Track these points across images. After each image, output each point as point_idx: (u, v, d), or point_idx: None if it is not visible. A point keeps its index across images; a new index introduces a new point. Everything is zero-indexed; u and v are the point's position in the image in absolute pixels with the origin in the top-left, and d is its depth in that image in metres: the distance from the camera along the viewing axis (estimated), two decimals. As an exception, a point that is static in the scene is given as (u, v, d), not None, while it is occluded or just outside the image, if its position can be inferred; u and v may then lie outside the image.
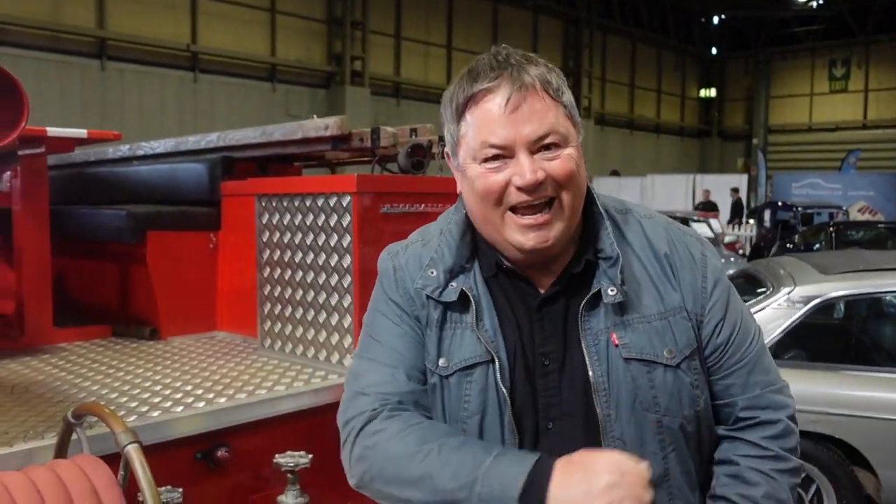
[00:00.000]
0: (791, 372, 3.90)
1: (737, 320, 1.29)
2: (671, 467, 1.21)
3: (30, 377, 2.63)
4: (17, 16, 14.29)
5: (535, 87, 1.17)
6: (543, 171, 1.17)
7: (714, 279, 1.28)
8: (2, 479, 1.49)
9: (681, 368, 1.21)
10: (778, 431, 1.26)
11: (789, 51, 31.90)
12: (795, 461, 1.27)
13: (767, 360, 1.32)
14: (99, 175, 3.95)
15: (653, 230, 1.31)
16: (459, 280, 1.28)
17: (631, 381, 1.19)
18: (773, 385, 1.29)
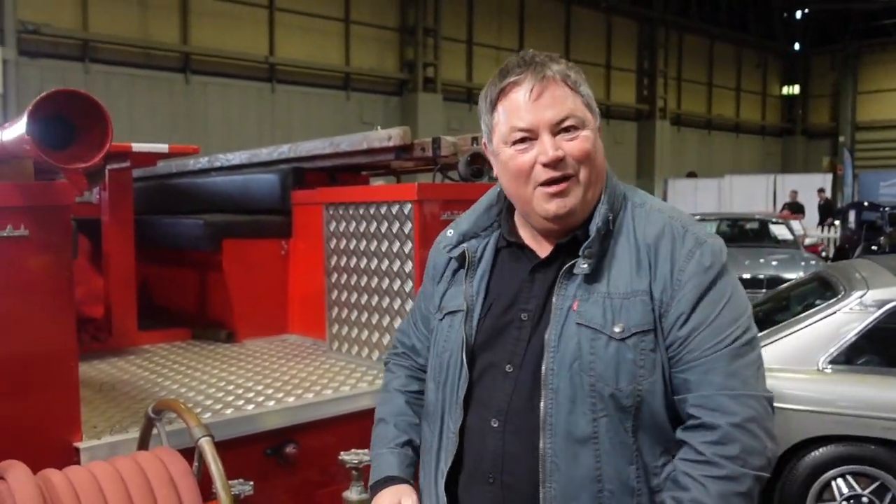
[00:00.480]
0: (863, 378, 3.80)
1: (707, 318, 1.32)
2: (600, 432, 1.30)
3: (116, 376, 2.83)
4: (109, 34, 15.05)
5: (555, 78, 1.36)
6: (563, 150, 1.34)
7: (692, 274, 1.33)
8: (90, 469, 1.64)
9: (625, 343, 1.30)
10: (715, 437, 1.27)
11: (878, 44, 30.54)
12: (731, 468, 1.26)
13: (739, 366, 1.31)
14: (179, 186, 4.17)
15: (651, 220, 1.40)
16: (470, 244, 1.51)
17: (576, 344, 1.32)
18: (730, 390, 1.29)
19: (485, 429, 1.38)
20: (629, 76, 26.08)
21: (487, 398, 1.40)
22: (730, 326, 1.32)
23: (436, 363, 1.50)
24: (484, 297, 1.46)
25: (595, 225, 1.37)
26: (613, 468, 1.30)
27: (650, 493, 1.32)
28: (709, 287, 1.34)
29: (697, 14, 27.35)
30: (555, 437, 1.31)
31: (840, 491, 3.72)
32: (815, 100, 32.92)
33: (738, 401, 1.28)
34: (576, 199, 1.36)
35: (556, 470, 1.31)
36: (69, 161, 1.54)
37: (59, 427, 1.94)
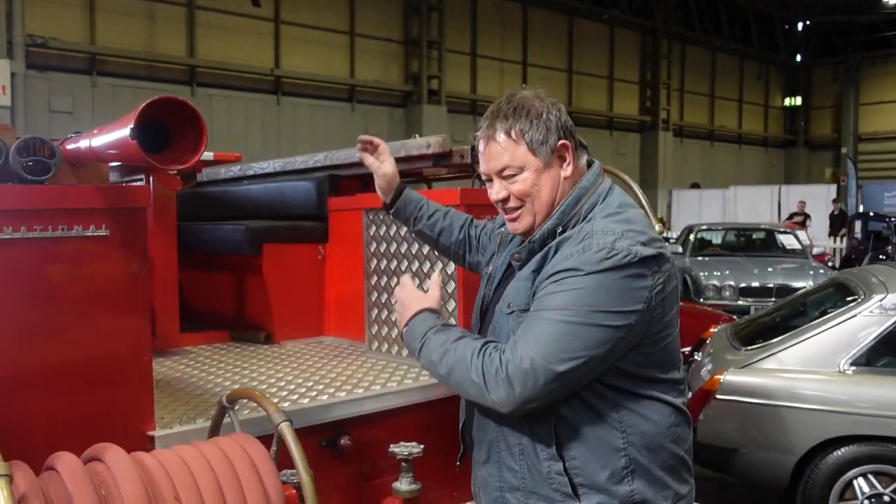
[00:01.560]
0: (884, 379, 3.90)
1: (541, 298, 1.64)
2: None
3: (168, 374, 2.93)
4: (116, 47, 15.23)
5: (495, 137, 1.73)
6: (507, 191, 1.74)
7: (556, 270, 1.62)
8: (177, 451, 1.74)
9: (510, 317, 1.72)
10: (485, 351, 1.62)
11: (880, 56, 30.74)
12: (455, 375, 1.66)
13: (537, 330, 1.59)
14: (213, 194, 4.28)
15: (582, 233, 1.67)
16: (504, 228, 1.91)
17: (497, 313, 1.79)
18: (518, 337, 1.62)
19: None
20: (632, 87, 26.26)
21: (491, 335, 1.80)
22: (556, 309, 1.58)
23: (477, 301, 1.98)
24: (507, 267, 1.86)
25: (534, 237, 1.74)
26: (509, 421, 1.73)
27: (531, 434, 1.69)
28: (566, 276, 1.60)
29: (700, 26, 27.55)
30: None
31: (862, 490, 3.81)
32: (818, 111, 33.10)
33: (514, 345, 1.60)
34: (526, 224, 1.75)
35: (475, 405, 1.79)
36: (168, 163, 1.65)
37: (135, 417, 2.04)
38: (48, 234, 1.86)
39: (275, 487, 1.73)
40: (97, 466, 1.62)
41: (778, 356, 4.04)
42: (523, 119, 1.71)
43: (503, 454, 1.73)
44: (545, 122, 1.71)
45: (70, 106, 14.77)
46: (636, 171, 25.85)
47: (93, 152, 1.86)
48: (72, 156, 1.98)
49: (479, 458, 1.82)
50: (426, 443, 2.36)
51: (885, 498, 3.75)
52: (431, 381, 2.69)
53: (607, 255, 1.57)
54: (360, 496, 2.51)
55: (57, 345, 1.90)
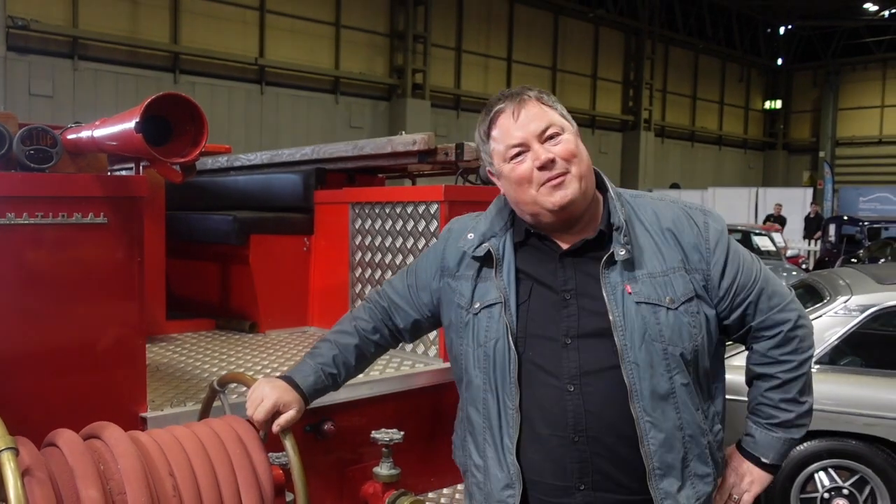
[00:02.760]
0: (846, 377, 4.06)
1: (739, 267, 1.68)
2: (676, 387, 1.60)
3: (155, 360, 3.00)
4: (99, 32, 15.14)
5: (531, 100, 1.64)
6: (551, 153, 1.60)
7: (715, 240, 1.68)
8: (171, 431, 1.83)
9: (679, 311, 1.61)
10: (779, 342, 1.71)
11: (859, 62, 31.25)
12: (796, 359, 1.71)
13: (771, 285, 1.72)
14: (201, 183, 4.34)
15: (661, 209, 1.71)
16: (490, 242, 1.73)
17: (641, 320, 1.59)
18: (776, 307, 1.71)
19: (558, 395, 1.61)
20: (615, 87, 26.49)
21: (554, 368, 1.61)
22: (752, 265, 1.71)
23: (479, 354, 1.69)
24: (516, 286, 1.68)
25: (617, 219, 1.65)
26: (689, 415, 1.62)
27: (711, 431, 1.67)
28: (728, 244, 1.69)
29: (683, 27, 27.85)
30: (643, 400, 1.57)
31: (822, 483, 3.97)
32: (797, 115, 33.59)
33: (785, 310, 1.71)
34: (574, 190, 1.60)
35: (651, 428, 1.57)
36: (170, 156, 1.74)
37: (127, 399, 2.12)
38: (49, 221, 1.93)
39: (263, 466, 1.82)
40: (95, 443, 1.70)
41: (747, 354, 4.18)
42: (546, 94, 1.69)
43: (694, 464, 1.62)
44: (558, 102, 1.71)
45: (50, 90, 14.68)
46: (617, 170, 26.10)
47: (94, 143, 1.94)
48: (72, 145, 2.06)
49: (666, 489, 1.59)
50: (406, 429, 2.46)
51: (843, 491, 3.92)
52: (412, 371, 2.79)
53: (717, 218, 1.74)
54: (341, 480, 2.60)
55: (55, 327, 1.97)
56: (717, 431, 1.70)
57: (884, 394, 3.90)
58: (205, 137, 1.73)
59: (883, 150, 30.60)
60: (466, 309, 1.73)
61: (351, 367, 1.90)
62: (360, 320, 1.92)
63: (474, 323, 1.71)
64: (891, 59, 30.37)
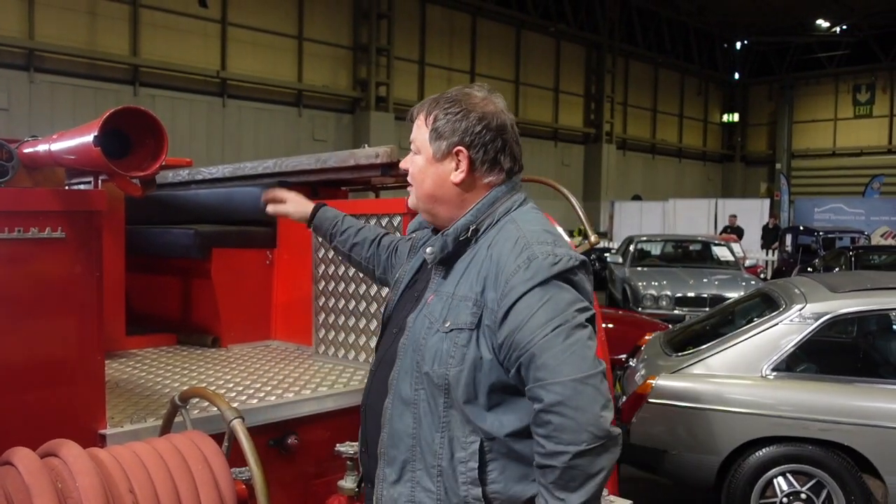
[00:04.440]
0: (802, 384, 4.15)
1: (522, 321, 1.52)
2: (419, 399, 1.65)
3: (114, 377, 2.96)
4: (56, 44, 14.89)
5: (421, 113, 1.74)
6: (407, 165, 1.78)
7: (513, 286, 1.55)
8: (131, 447, 1.81)
9: (448, 336, 1.61)
10: (536, 421, 1.49)
11: (813, 76, 32.07)
12: (549, 446, 1.47)
13: (547, 358, 1.49)
14: (162, 197, 4.30)
15: (504, 239, 1.64)
16: (417, 233, 1.96)
17: (419, 329, 1.68)
18: (539, 381, 1.49)
19: (371, 375, 1.86)
20: (577, 100, 26.82)
21: (378, 351, 1.86)
22: (541, 326, 1.51)
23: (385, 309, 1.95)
24: (414, 273, 1.86)
25: (448, 229, 1.70)
26: (426, 431, 1.64)
27: (451, 458, 1.59)
28: (525, 294, 1.53)
29: (643, 42, 28.33)
30: (393, 395, 1.70)
31: (780, 488, 4.05)
32: (754, 128, 34.33)
33: (545, 388, 1.48)
34: (411, 201, 1.78)
35: (390, 418, 1.70)
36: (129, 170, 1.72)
37: (86, 415, 2.09)
38: (5, 236, 1.90)
39: (226, 482, 1.81)
40: (53, 461, 1.68)
41: (706, 362, 4.26)
42: (441, 110, 1.69)
43: (418, 474, 1.63)
44: (460, 122, 1.66)
45: (6, 102, 14.39)
46: (580, 183, 26.38)
47: (52, 157, 1.92)
48: (28, 159, 2.03)
49: (387, 477, 1.68)
50: (371, 442, 2.46)
51: (801, 496, 3.99)
52: (376, 383, 2.79)
53: (554, 261, 1.56)
54: (306, 494, 2.59)
55: (11, 343, 1.94)
56: (468, 468, 1.57)
57: (838, 399, 4.00)
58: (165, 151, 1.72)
59: (836, 161, 31.39)
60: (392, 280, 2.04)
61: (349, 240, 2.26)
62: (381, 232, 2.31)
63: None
64: (842, 73, 31.23)
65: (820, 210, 23.07)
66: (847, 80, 31.43)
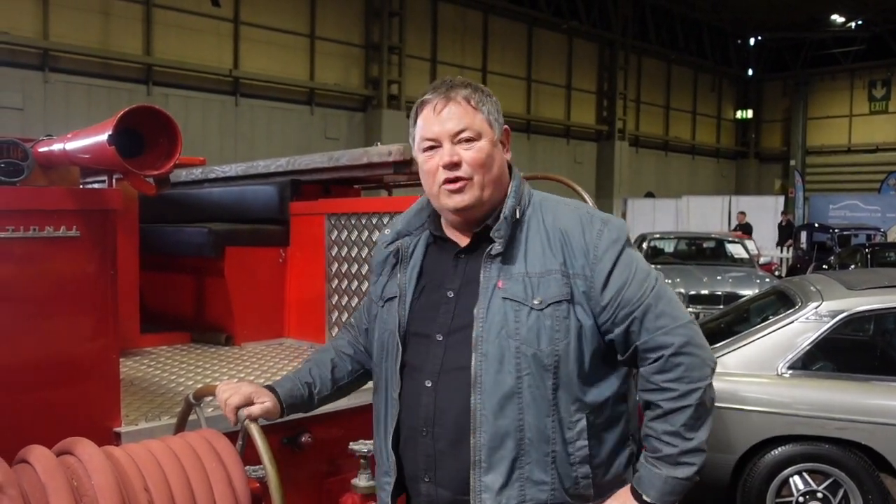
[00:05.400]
0: (819, 382, 4.12)
1: (627, 279, 1.61)
2: (523, 387, 1.57)
3: (130, 375, 2.97)
4: (70, 44, 14.97)
5: (456, 99, 1.65)
6: (457, 157, 1.62)
7: (604, 248, 1.62)
8: (146, 445, 1.81)
9: (544, 312, 1.58)
10: (661, 367, 1.57)
11: (828, 72, 31.78)
12: (681, 388, 1.56)
13: (662, 305, 1.60)
14: (175, 196, 4.31)
15: (561, 211, 1.69)
16: (402, 241, 1.78)
17: (503, 315, 1.59)
18: (662, 328, 1.59)
19: (419, 389, 1.67)
20: (589, 97, 26.70)
21: (421, 364, 1.68)
22: (645, 281, 1.62)
23: (378, 344, 1.79)
24: (416, 284, 1.75)
25: (503, 214, 1.65)
26: (534, 418, 1.57)
27: (563, 442, 1.59)
28: (620, 254, 1.63)
29: (656, 38, 28.17)
30: (483, 394, 1.58)
31: (797, 487, 4.01)
32: (768, 124, 34.06)
33: (671, 334, 1.58)
34: (471, 197, 1.63)
35: (485, 421, 1.58)
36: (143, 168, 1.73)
37: (101, 413, 2.10)
38: (20, 235, 1.91)
39: (240, 480, 1.80)
40: (69, 459, 1.68)
41: (721, 360, 4.22)
42: (480, 93, 1.68)
43: (528, 469, 1.58)
44: (496, 103, 1.70)
45: (20, 102, 14.49)
46: (592, 180, 26.28)
47: (66, 156, 1.92)
48: (43, 158, 2.04)
49: (490, 486, 1.58)
50: (384, 440, 2.46)
51: (818, 495, 3.96)
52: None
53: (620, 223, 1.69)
54: (320, 492, 2.59)
55: (27, 342, 1.95)
56: (578, 447, 1.59)
57: (855, 398, 3.96)
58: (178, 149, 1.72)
59: (852, 158, 31.11)
60: (376, 302, 1.83)
61: (327, 381, 1.90)
62: (337, 339, 2.02)
63: (380, 315, 1.81)
64: (858, 69, 30.94)
65: (835, 207, 22.91)
66: (862, 76, 31.13)
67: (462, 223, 1.71)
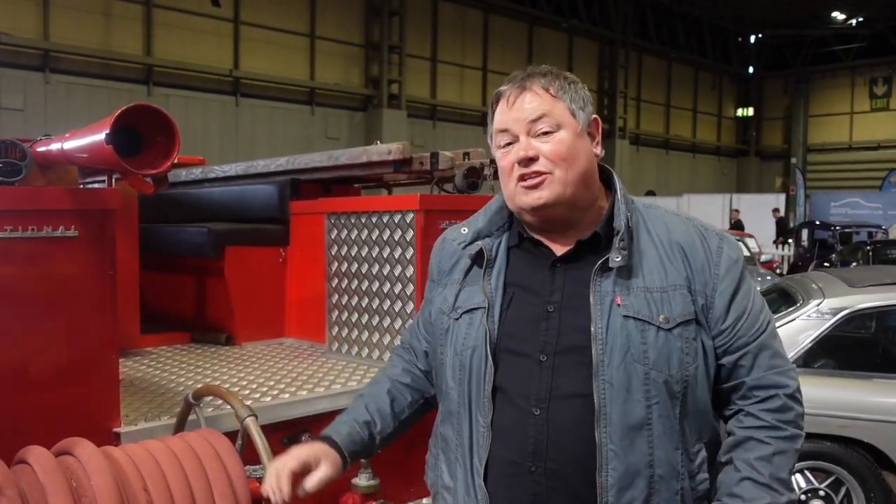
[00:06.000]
0: (821, 379, 4.11)
1: (746, 307, 1.48)
2: (653, 418, 1.40)
3: (130, 375, 2.97)
4: (70, 45, 14.98)
5: (533, 88, 1.49)
6: (535, 150, 1.45)
7: (726, 268, 1.48)
8: (145, 446, 1.80)
9: (672, 333, 1.42)
10: (776, 406, 1.45)
11: (829, 69, 31.75)
12: (791, 430, 1.45)
13: (776, 344, 1.50)
14: (175, 196, 4.31)
15: (674, 223, 1.54)
16: (484, 242, 1.56)
17: (626, 336, 1.40)
18: (777, 368, 1.48)
19: (523, 418, 1.43)
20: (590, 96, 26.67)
21: (521, 389, 1.44)
22: (762, 312, 1.51)
23: (455, 363, 1.53)
24: (503, 292, 1.51)
25: (622, 221, 1.47)
26: (664, 452, 1.40)
27: (689, 477, 1.44)
28: (741, 278, 1.50)
29: (656, 37, 28.15)
30: (610, 426, 1.37)
31: (799, 485, 4.00)
32: (769, 122, 34.04)
33: (786, 375, 1.48)
34: (551, 194, 1.44)
35: (613, 457, 1.38)
36: (141, 167, 1.72)
37: (100, 414, 2.09)
38: (18, 235, 1.91)
39: (240, 480, 1.80)
40: (68, 460, 1.68)
41: (723, 358, 4.21)
42: (562, 80, 1.51)
43: None
44: (582, 91, 1.53)
45: (21, 103, 14.49)
46: (593, 178, 26.23)
47: (64, 155, 1.92)
48: (42, 158, 2.03)
49: None
50: (385, 440, 2.45)
51: (820, 493, 3.95)
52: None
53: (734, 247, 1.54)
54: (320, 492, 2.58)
55: (26, 342, 1.94)
56: (700, 480, 1.45)
57: (857, 395, 3.95)
58: (176, 148, 1.72)
59: (853, 155, 31.08)
60: (447, 313, 1.58)
61: (387, 414, 1.68)
62: (390, 367, 1.78)
63: (454, 329, 1.55)
64: (859, 66, 30.90)
65: (836, 204, 22.88)
66: (863, 73, 31.10)
67: (543, 224, 1.52)
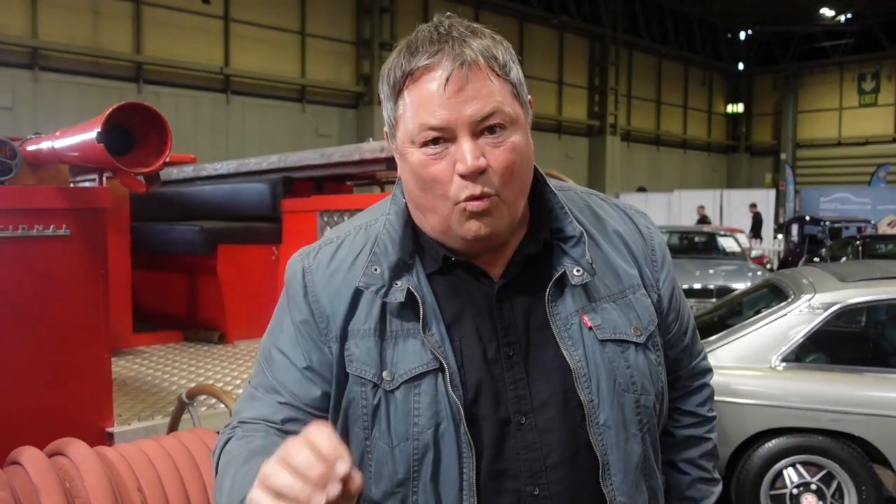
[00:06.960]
0: (812, 374, 4.13)
1: (680, 294, 1.26)
2: (646, 447, 1.16)
3: (122, 374, 2.96)
4: (60, 42, 14.91)
5: (478, 63, 1.04)
6: (483, 163, 1.02)
7: (661, 253, 1.23)
8: (139, 445, 1.80)
9: (647, 346, 1.15)
10: (707, 395, 1.33)
11: (818, 65, 31.90)
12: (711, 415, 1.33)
13: (693, 327, 1.32)
14: (167, 194, 4.29)
15: (598, 205, 1.23)
16: (404, 279, 1.10)
17: (609, 363, 1.11)
18: (702, 352, 1.33)
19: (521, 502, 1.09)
20: (581, 92, 26.72)
21: (507, 466, 1.09)
22: (681, 293, 1.28)
23: (406, 451, 1.07)
24: (451, 343, 1.09)
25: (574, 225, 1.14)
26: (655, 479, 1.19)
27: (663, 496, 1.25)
28: (671, 260, 1.26)
29: (646, 33, 28.21)
30: (616, 476, 1.11)
31: (791, 479, 4.02)
32: (758, 118, 34.18)
33: (706, 360, 1.34)
34: (498, 223, 1.05)
35: None
36: (133, 166, 1.71)
37: (93, 414, 2.08)
38: (9, 234, 1.90)
39: (234, 478, 1.80)
40: (61, 460, 1.67)
41: (715, 353, 4.23)
42: (502, 53, 1.08)
43: None
44: (514, 54, 1.11)
45: (10, 101, 14.40)
46: (584, 175, 26.30)
47: (55, 154, 1.91)
48: (32, 157, 2.02)
49: None
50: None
51: (812, 487, 3.97)
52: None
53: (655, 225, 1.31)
54: None
55: (17, 342, 1.93)
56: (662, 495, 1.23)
57: (848, 390, 3.97)
58: (168, 147, 1.71)
59: (842, 151, 31.25)
60: (371, 385, 1.09)
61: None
62: (248, 415, 1.13)
63: (391, 405, 1.08)
64: (847, 62, 31.05)
65: (826, 200, 23.01)
66: (852, 69, 31.26)
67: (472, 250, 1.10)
